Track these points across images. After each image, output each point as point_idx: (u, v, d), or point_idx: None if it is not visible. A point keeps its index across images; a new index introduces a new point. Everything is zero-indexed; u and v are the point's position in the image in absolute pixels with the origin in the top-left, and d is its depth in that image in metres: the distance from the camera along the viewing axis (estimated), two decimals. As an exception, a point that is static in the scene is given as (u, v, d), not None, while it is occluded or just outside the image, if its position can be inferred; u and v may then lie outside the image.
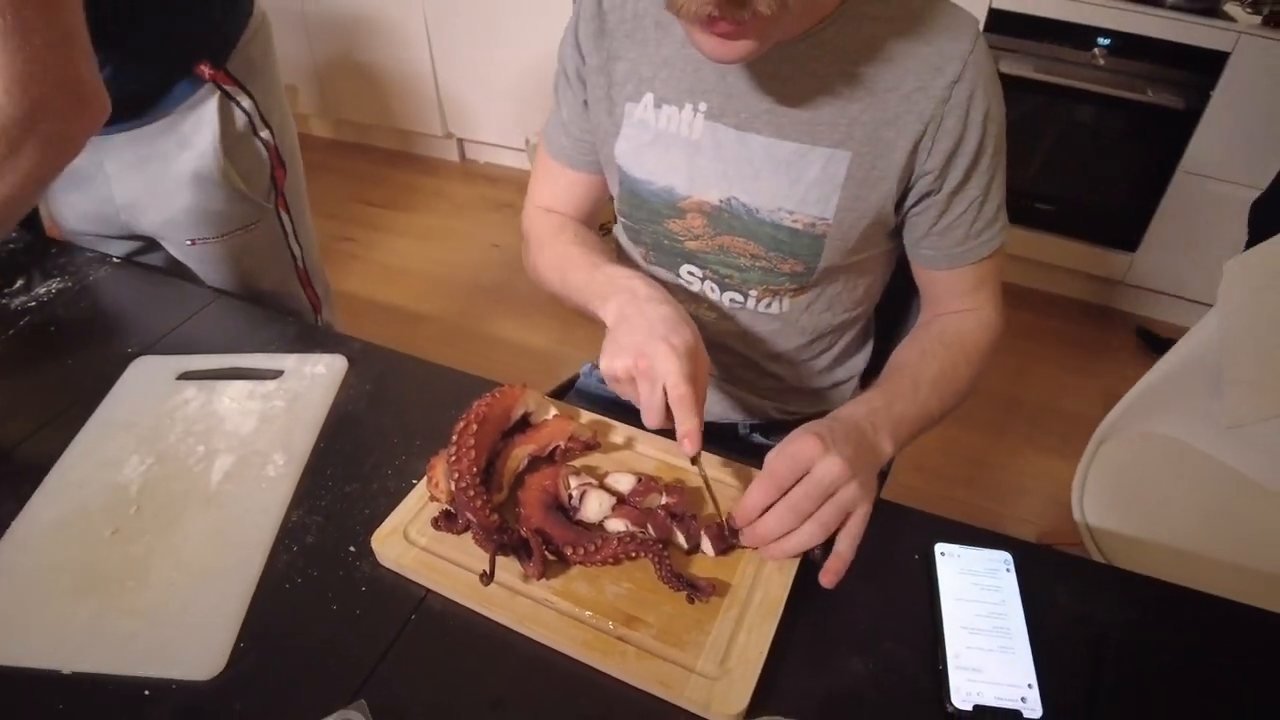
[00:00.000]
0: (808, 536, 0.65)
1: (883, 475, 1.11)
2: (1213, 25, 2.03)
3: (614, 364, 0.69)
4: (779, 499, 0.65)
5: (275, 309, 1.12)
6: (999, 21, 2.21)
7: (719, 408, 1.01)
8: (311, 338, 0.93)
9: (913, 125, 0.73)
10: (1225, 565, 1.15)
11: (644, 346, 0.68)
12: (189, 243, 1.09)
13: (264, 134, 1.08)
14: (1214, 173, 2.21)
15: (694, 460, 0.68)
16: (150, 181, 1.04)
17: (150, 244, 1.15)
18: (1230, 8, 2.16)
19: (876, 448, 0.72)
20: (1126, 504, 1.25)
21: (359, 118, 3.39)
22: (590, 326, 0.84)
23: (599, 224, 0.96)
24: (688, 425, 0.65)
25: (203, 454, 0.76)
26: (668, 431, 0.70)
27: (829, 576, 0.66)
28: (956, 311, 0.87)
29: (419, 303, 2.55)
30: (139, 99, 0.97)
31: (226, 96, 1.02)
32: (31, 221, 1.14)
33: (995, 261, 0.83)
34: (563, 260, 0.87)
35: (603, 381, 1.11)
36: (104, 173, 1.04)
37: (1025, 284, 2.63)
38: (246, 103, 1.04)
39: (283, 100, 1.14)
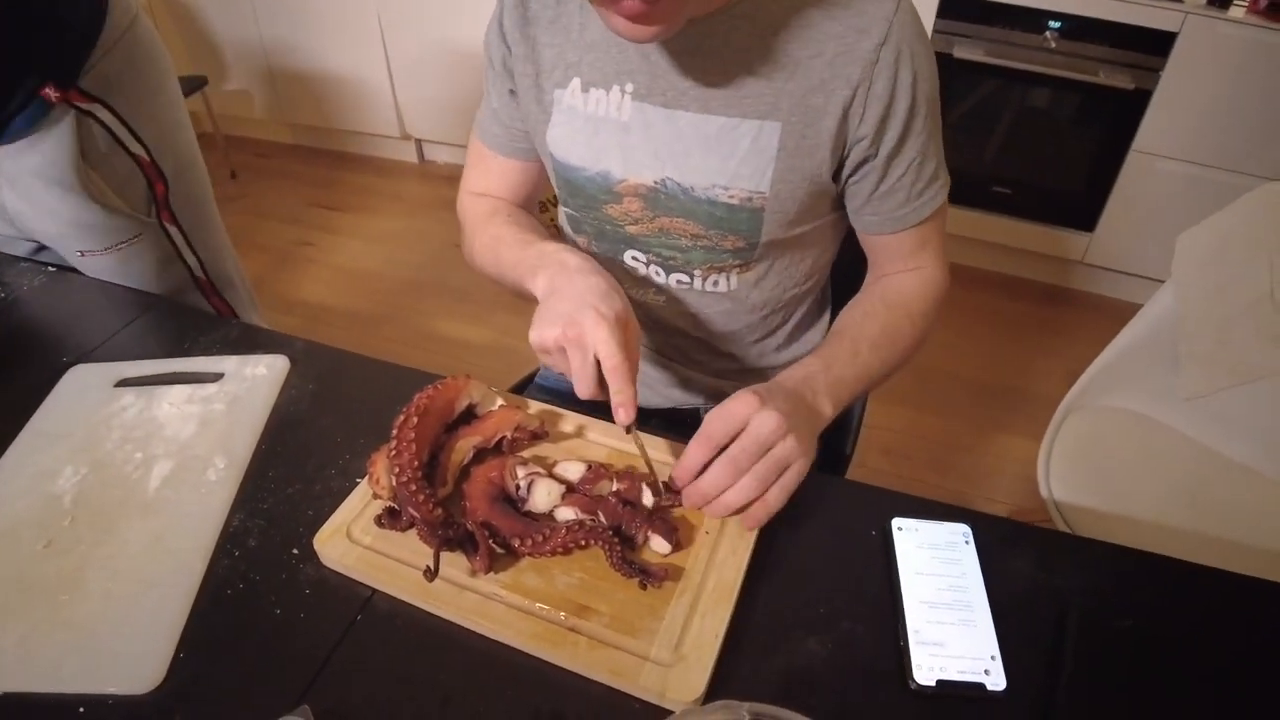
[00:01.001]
0: (745, 490, 0.65)
1: (846, 459, 1.11)
2: (1160, 6, 2.06)
3: (544, 334, 0.68)
4: (717, 456, 0.65)
5: None
6: (951, 6, 2.22)
7: (678, 392, 1.00)
8: (253, 339, 0.90)
9: (841, 91, 0.72)
10: (1191, 536, 1.17)
11: (574, 315, 0.67)
12: (79, 254, 1.07)
13: (134, 148, 1.04)
14: (1166, 151, 2.24)
15: (628, 430, 0.68)
16: (29, 196, 1.01)
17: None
18: (1176, -13, 2.19)
19: (815, 409, 0.72)
20: (1092, 479, 1.26)
21: (315, 121, 3.34)
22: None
23: (538, 203, 0.96)
24: (624, 394, 0.65)
25: (140, 461, 0.74)
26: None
27: (750, 520, 0.66)
28: (900, 272, 0.87)
29: (381, 305, 2.52)
30: None
31: (84, 113, 0.98)
32: None
33: (937, 221, 0.83)
34: (496, 241, 0.86)
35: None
36: None
37: (986, 267, 2.66)
38: (107, 118, 1.00)
39: (166, 107, 1.10)
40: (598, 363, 0.66)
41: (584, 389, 0.67)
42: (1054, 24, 2.16)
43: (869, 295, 0.86)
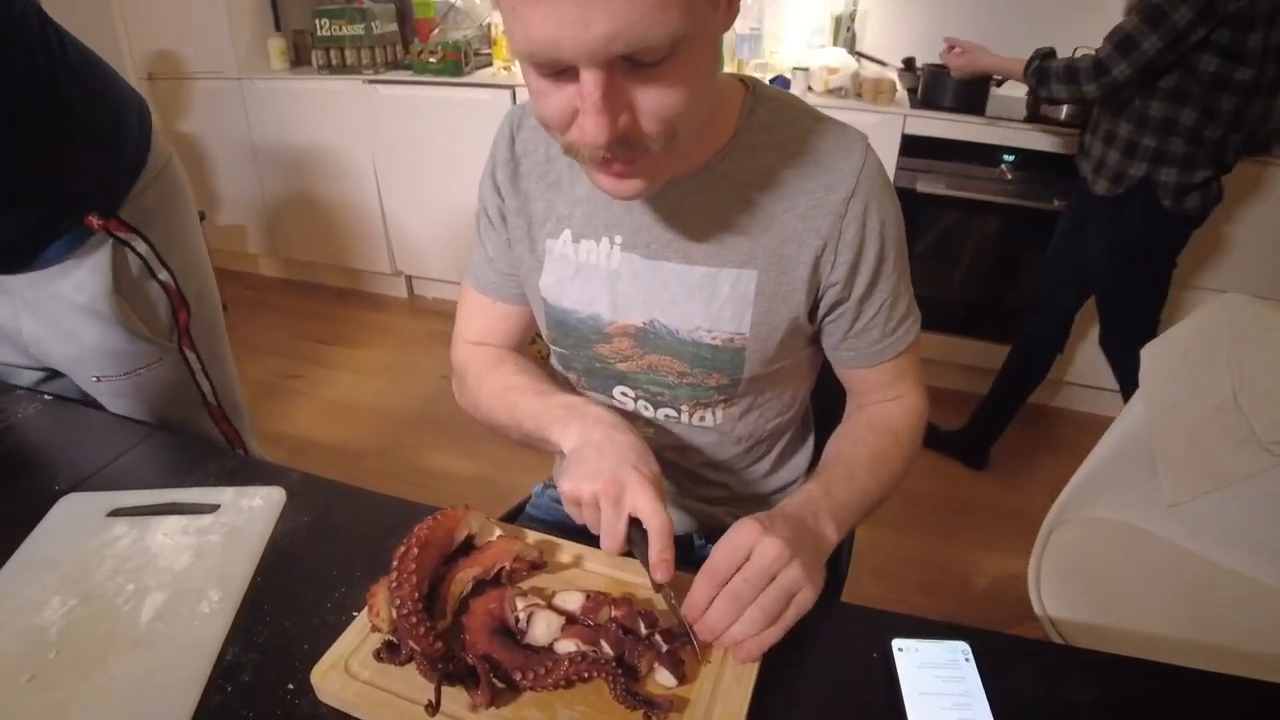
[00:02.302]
0: (751, 623, 0.65)
1: (840, 582, 1.11)
2: (1103, 141, 2.21)
3: (581, 487, 0.70)
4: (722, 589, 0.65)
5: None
6: (912, 145, 2.38)
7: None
8: (250, 470, 0.90)
9: (812, 241, 0.77)
10: (1187, 643, 1.16)
11: (617, 473, 0.69)
12: (95, 379, 1.09)
13: (162, 276, 1.09)
14: (1124, 272, 2.35)
15: (659, 588, 0.69)
16: (51, 321, 1.04)
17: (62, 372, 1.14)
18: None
19: (820, 534, 0.73)
20: (1082, 590, 1.26)
21: (308, 257, 3.44)
22: (540, 452, 0.83)
23: (531, 342, 1.00)
24: (667, 554, 0.67)
25: (132, 592, 0.73)
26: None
27: (741, 654, 0.65)
28: (881, 401, 0.90)
29: (366, 438, 2.51)
30: (23, 251, 0.98)
31: (120, 242, 1.03)
32: None
33: (912, 353, 0.87)
34: (509, 390, 0.88)
35: (556, 502, 1.10)
36: (14, 308, 1.04)
37: (961, 389, 2.71)
38: (142, 247, 1.05)
39: (191, 239, 1.16)
40: (628, 521, 0.68)
41: (614, 546, 0.69)
42: (1008, 157, 2.32)
43: (855, 423, 0.89)
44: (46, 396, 1.04)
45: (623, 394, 0.90)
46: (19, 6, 0.91)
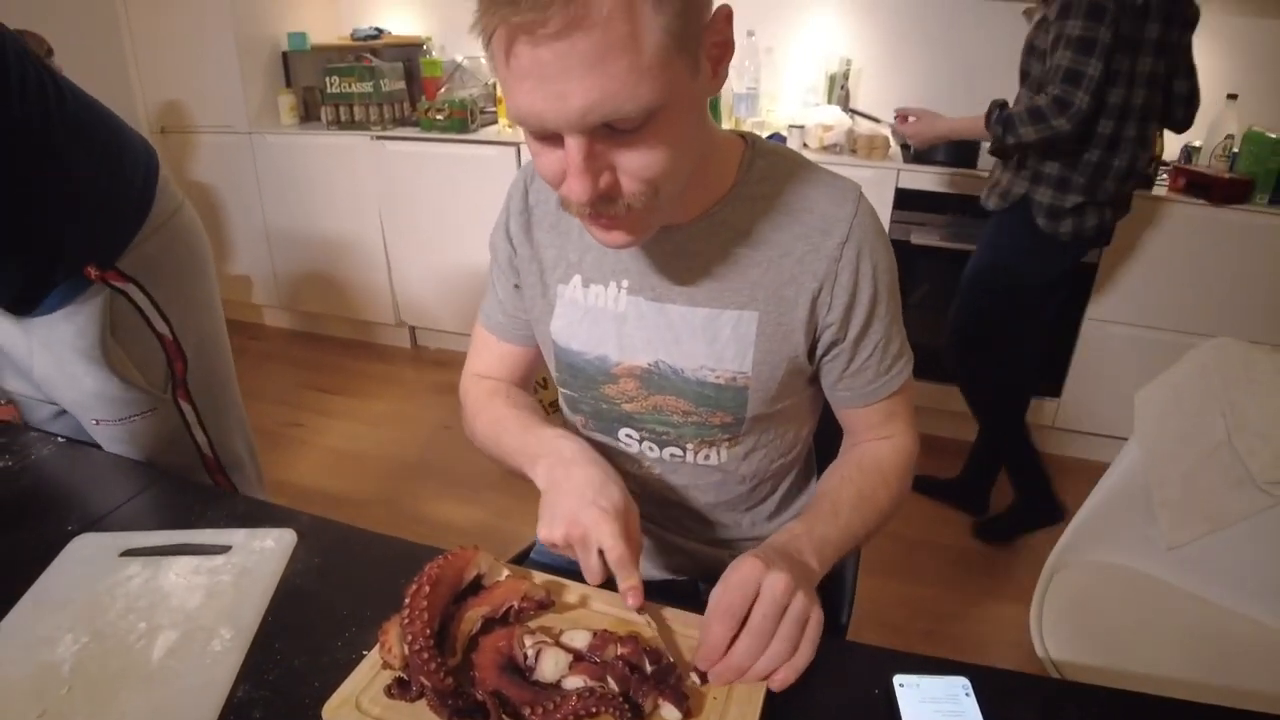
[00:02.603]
0: (777, 655, 0.67)
1: (842, 629, 1.11)
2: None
3: (551, 533, 0.73)
4: (740, 630, 0.67)
5: None
6: (906, 199, 2.44)
7: (673, 562, 1.02)
8: (261, 512, 0.92)
9: (809, 283, 0.81)
10: (1188, 683, 1.16)
11: (576, 514, 0.72)
12: (94, 422, 1.11)
13: (159, 327, 1.11)
14: (1117, 318, 2.40)
15: (640, 611, 0.71)
16: (58, 363, 1.07)
17: None
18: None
19: (805, 565, 0.76)
20: (1085, 634, 1.27)
21: (313, 308, 3.48)
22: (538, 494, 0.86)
23: (533, 383, 1.04)
24: (630, 582, 0.70)
25: (144, 630, 0.74)
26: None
27: (777, 683, 0.67)
28: (873, 440, 0.93)
29: (368, 487, 2.51)
30: (24, 298, 1.02)
31: (117, 291, 1.06)
32: None
33: (904, 393, 0.90)
34: (496, 424, 0.92)
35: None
36: (29, 346, 1.07)
37: (960, 437, 2.72)
38: (139, 297, 1.08)
39: (197, 290, 1.18)
40: (602, 554, 0.71)
41: (594, 579, 0.72)
42: (1000, 210, 2.36)
43: (845, 461, 0.92)
44: (60, 439, 1.06)
45: (627, 436, 0.93)
46: (13, 65, 0.94)
